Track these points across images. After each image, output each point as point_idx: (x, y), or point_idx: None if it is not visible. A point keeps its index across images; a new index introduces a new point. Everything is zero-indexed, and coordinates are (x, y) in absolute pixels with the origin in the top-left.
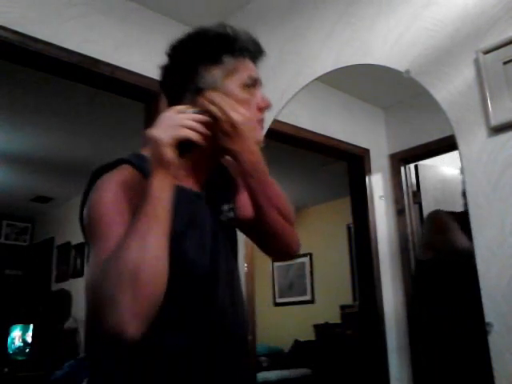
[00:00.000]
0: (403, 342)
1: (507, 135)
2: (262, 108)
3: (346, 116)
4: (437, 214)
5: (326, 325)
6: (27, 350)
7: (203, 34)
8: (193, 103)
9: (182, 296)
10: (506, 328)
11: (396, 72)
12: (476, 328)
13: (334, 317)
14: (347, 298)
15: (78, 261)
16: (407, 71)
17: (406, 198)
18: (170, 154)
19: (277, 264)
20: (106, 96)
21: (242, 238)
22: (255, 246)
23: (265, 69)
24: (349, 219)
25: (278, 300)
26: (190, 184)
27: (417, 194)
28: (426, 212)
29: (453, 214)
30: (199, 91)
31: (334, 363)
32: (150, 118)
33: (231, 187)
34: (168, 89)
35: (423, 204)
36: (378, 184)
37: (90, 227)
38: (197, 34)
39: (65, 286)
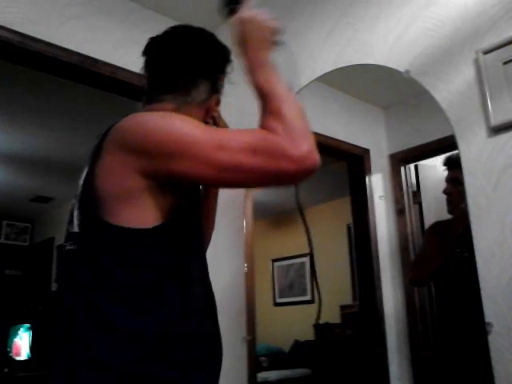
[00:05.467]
0: (403, 342)
1: (507, 135)
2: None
3: (346, 116)
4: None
5: (326, 325)
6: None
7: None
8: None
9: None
10: (506, 328)
11: (396, 72)
12: (476, 328)
13: (334, 317)
14: (347, 298)
15: None
16: (407, 71)
17: (406, 198)
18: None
19: (277, 264)
20: (106, 96)
21: (241, 238)
22: (255, 246)
23: None
24: (349, 219)
25: (278, 300)
26: None
27: (417, 194)
28: (425, 212)
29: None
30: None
31: (334, 363)
32: None
33: None
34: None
35: (423, 204)
36: (378, 184)
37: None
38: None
39: None
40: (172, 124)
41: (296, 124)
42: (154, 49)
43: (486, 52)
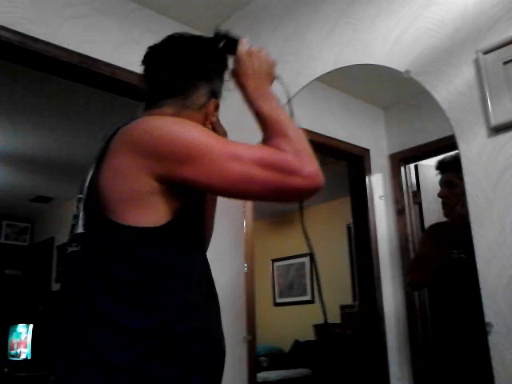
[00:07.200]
0: (403, 342)
1: (507, 135)
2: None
3: (346, 116)
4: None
5: (326, 325)
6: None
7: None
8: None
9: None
10: (506, 328)
11: (396, 72)
12: (476, 329)
13: (334, 317)
14: (347, 298)
15: None
16: (407, 71)
17: (406, 198)
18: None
19: (277, 264)
20: (106, 96)
21: (241, 238)
22: (255, 246)
23: None
24: (349, 219)
25: (278, 300)
26: None
27: (417, 194)
28: (425, 212)
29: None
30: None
31: (334, 363)
32: None
33: None
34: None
35: (423, 204)
36: (378, 184)
37: (187, 144)
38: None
39: None
40: (186, 130)
41: (302, 146)
42: (153, 57)
43: (486, 52)
